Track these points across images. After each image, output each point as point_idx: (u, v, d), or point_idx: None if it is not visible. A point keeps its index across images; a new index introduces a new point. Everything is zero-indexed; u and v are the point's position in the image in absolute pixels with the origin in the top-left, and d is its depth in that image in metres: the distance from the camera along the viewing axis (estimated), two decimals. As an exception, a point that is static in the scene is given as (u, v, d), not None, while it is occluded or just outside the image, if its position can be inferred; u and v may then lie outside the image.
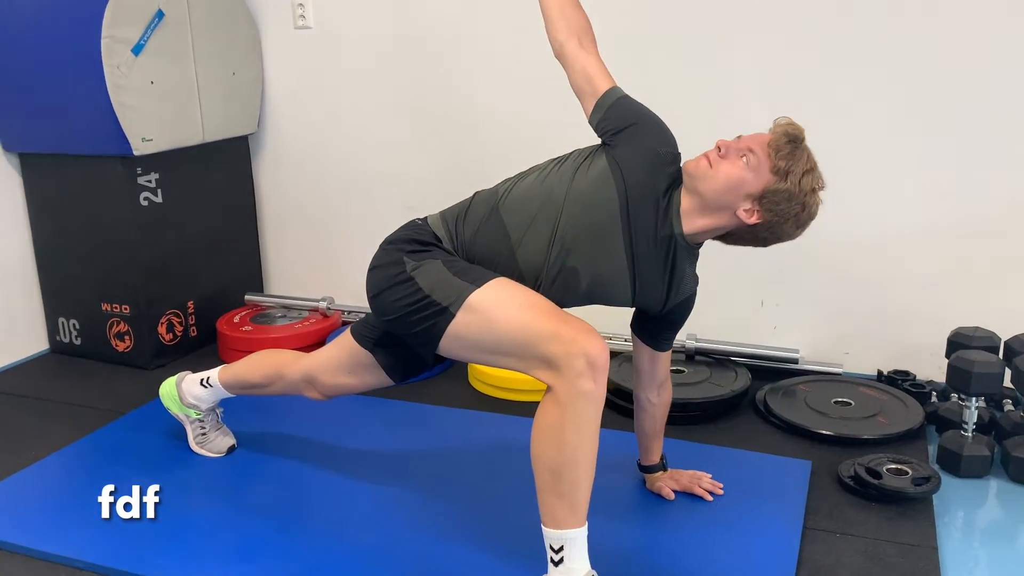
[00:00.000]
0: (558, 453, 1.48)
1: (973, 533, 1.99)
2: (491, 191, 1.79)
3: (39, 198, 2.96)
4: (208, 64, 2.94)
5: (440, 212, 1.82)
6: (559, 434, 1.48)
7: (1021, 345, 2.24)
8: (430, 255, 1.67)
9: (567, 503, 1.49)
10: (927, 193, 2.55)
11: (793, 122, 1.66)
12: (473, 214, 1.75)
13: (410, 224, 1.81)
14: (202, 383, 2.19)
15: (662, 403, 1.96)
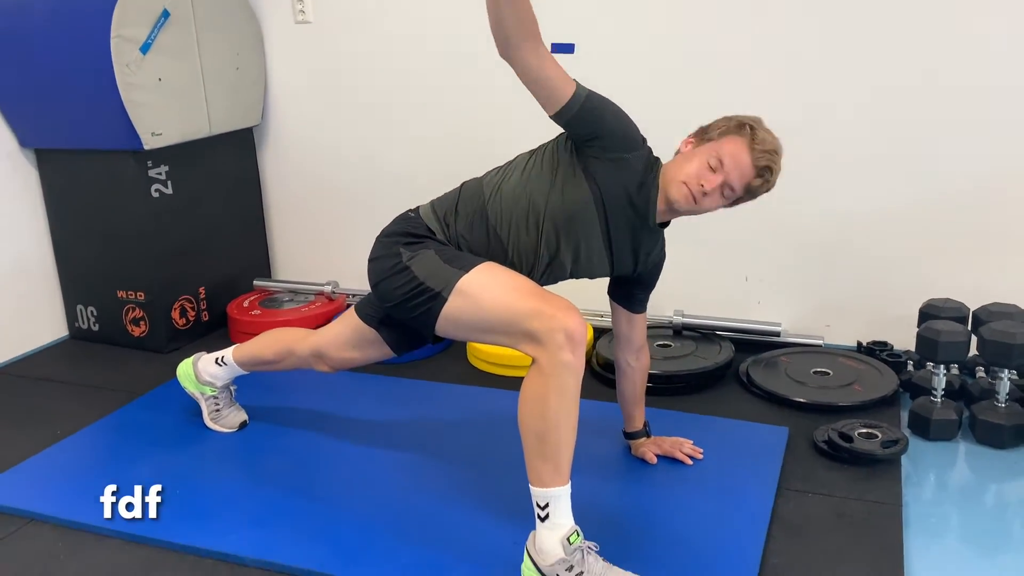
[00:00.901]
0: (542, 419, 1.62)
1: (937, 491, 2.12)
2: (477, 186, 1.91)
3: (55, 192, 3.11)
4: (213, 60, 3.07)
5: (430, 203, 1.95)
6: (543, 402, 1.61)
7: (988, 315, 2.35)
8: (423, 246, 1.83)
9: (551, 464, 1.63)
10: (904, 172, 2.66)
11: (774, 146, 1.81)
12: (463, 209, 1.88)
13: (403, 217, 1.94)
14: (217, 362, 2.34)
15: (640, 367, 2.09)
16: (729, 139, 1.79)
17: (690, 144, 1.85)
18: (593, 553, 1.65)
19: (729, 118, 1.83)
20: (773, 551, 1.81)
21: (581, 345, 1.61)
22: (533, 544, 1.67)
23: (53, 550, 1.92)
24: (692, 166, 1.79)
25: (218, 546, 1.87)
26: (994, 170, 2.58)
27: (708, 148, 1.80)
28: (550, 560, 1.63)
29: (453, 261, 1.76)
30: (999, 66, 2.50)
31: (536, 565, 1.65)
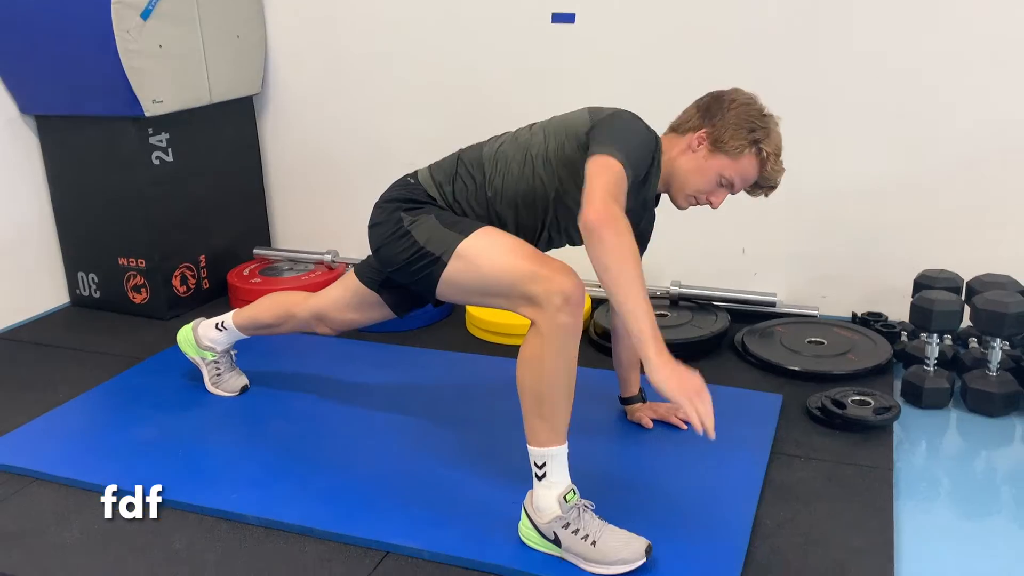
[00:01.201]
0: (540, 380, 1.64)
1: (928, 457, 2.15)
2: (476, 158, 1.89)
3: (56, 159, 3.11)
4: (213, 28, 3.06)
5: (428, 169, 1.95)
6: (540, 363, 1.64)
7: (981, 285, 2.38)
8: (424, 211, 1.84)
9: (549, 424, 1.66)
10: (900, 144, 2.67)
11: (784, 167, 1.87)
12: (462, 182, 1.88)
13: (402, 183, 1.95)
14: (217, 327, 2.37)
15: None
16: (746, 159, 1.82)
17: (703, 144, 1.83)
18: (589, 511, 1.69)
19: (746, 117, 1.81)
20: (765, 513, 1.84)
21: (579, 307, 1.63)
22: (530, 503, 1.71)
23: (58, 508, 1.95)
24: (703, 183, 1.84)
25: (220, 504, 1.91)
26: (989, 142, 2.59)
27: (722, 164, 1.82)
28: (547, 517, 1.67)
29: (453, 226, 1.78)
30: (993, 38, 2.50)
31: (533, 523, 1.69)
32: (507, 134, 1.94)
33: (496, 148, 1.90)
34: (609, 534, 1.65)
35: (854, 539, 1.75)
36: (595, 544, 1.63)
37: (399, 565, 1.72)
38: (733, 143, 1.80)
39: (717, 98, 1.86)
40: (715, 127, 1.81)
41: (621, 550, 1.62)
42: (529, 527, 1.70)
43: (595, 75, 2.94)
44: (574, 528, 1.65)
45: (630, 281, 1.52)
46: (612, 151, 1.65)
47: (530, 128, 1.91)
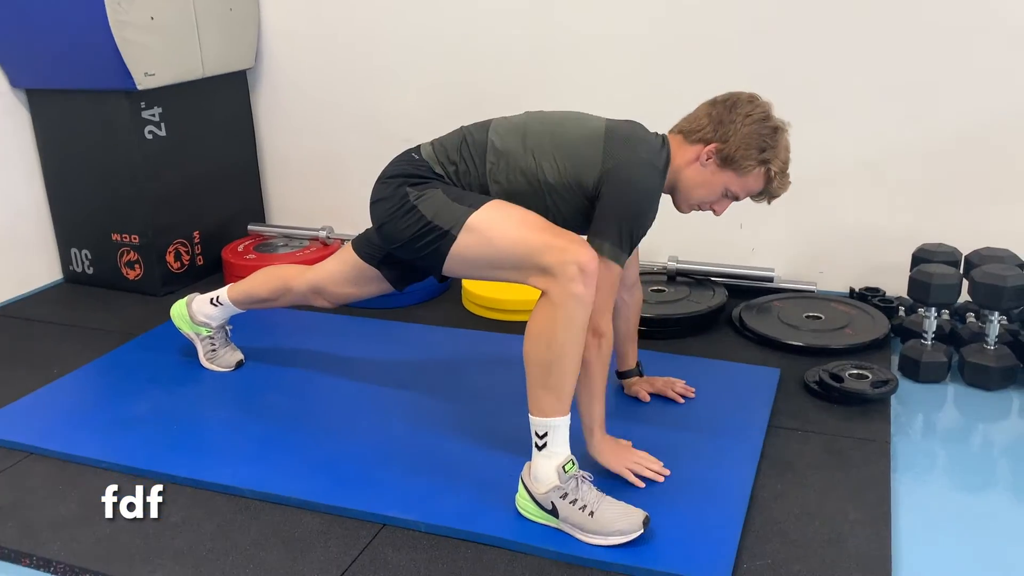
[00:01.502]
0: (548, 350, 1.64)
1: (925, 430, 2.15)
2: (481, 145, 1.83)
3: (47, 133, 3.08)
4: (206, 0, 3.02)
5: (431, 145, 1.90)
6: (551, 333, 1.63)
7: (979, 259, 2.37)
8: (430, 186, 1.81)
9: (554, 395, 1.65)
10: (897, 118, 2.66)
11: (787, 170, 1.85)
12: (464, 166, 1.83)
13: (406, 159, 1.90)
14: (212, 302, 2.35)
15: (634, 302, 2.11)
16: (754, 176, 1.81)
17: (711, 158, 1.79)
18: (588, 482, 1.68)
19: (758, 136, 1.78)
20: (763, 486, 1.84)
21: (593, 277, 1.62)
22: (528, 473, 1.71)
23: (52, 482, 1.94)
24: (709, 195, 1.84)
25: (217, 478, 1.90)
26: (987, 116, 2.58)
27: (729, 179, 1.81)
28: (544, 487, 1.66)
29: (461, 199, 1.76)
30: (991, 12, 2.48)
31: (530, 493, 1.69)
32: (513, 123, 1.87)
33: (501, 141, 1.83)
34: (607, 505, 1.65)
35: (851, 511, 1.75)
36: (593, 515, 1.63)
37: (396, 537, 1.71)
38: (743, 162, 1.78)
39: (730, 108, 1.80)
40: (726, 143, 1.77)
41: (618, 521, 1.62)
42: (527, 499, 1.70)
43: (593, 51, 2.92)
44: (572, 498, 1.64)
45: (595, 392, 1.78)
46: (614, 248, 1.70)
47: (538, 128, 1.83)
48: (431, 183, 1.81)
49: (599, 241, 1.71)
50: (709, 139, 1.79)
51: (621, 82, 2.90)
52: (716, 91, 2.71)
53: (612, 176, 1.74)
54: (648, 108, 2.25)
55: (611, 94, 2.88)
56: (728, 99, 1.81)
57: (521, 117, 1.90)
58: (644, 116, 1.95)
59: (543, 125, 1.85)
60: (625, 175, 1.74)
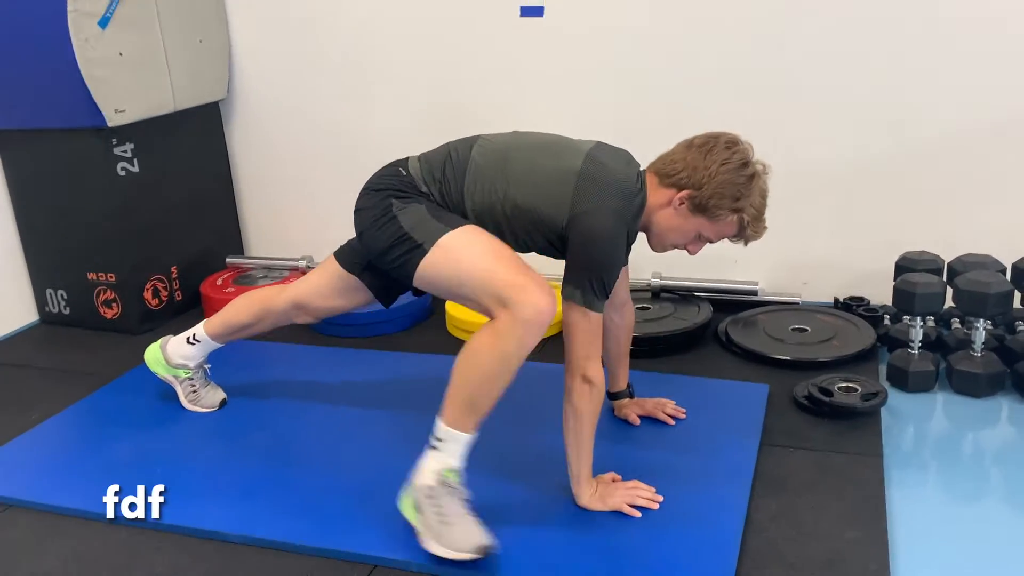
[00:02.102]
0: (478, 372, 1.66)
1: (917, 441, 2.14)
2: (462, 163, 1.83)
3: (18, 173, 3.03)
4: (175, 32, 2.99)
5: (418, 160, 1.89)
6: (487, 358, 1.66)
7: (962, 266, 2.37)
8: (414, 200, 1.81)
9: (468, 412, 1.68)
10: (875, 125, 2.66)
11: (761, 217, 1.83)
12: (447, 187, 1.83)
13: (394, 172, 1.88)
14: (188, 341, 2.31)
15: (625, 324, 2.10)
16: (727, 224, 1.79)
17: (684, 204, 1.77)
18: (459, 498, 1.68)
19: (731, 184, 1.74)
20: (758, 506, 1.82)
21: (542, 328, 1.64)
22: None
23: (34, 535, 1.89)
24: (682, 238, 1.84)
25: (202, 524, 1.86)
26: (964, 121, 2.59)
27: (702, 224, 1.79)
28: (420, 481, 1.70)
29: (440, 218, 1.77)
30: (966, 19, 2.49)
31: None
32: (497, 144, 1.86)
33: (483, 160, 1.82)
34: (465, 523, 1.65)
35: (848, 530, 1.73)
36: (445, 524, 1.64)
37: (388, 578, 1.68)
38: (715, 210, 1.76)
39: (706, 153, 1.76)
40: (699, 191, 1.74)
41: (460, 539, 1.63)
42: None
43: (565, 69, 2.91)
44: (436, 503, 1.67)
45: (584, 440, 1.77)
46: (587, 295, 1.69)
47: (517, 155, 1.81)
48: (416, 199, 1.82)
49: (571, 289, 1.72)
50: (683, 184, 1.76)
51: (600, 108, 2.89)
52: (697, 107, 2.76)
53: (579, 224, 1.72)
54: (630, 128, 2.25)
55: (590, 119, 2.89)
56: (705, 143, 1.77)
57: (505, 138, 1.89)
58: (625, 137, 1.94)
59: (524, 152, 1.83)
60: (590, 224, 1.72)
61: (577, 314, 1.71)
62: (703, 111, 2.78)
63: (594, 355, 1.75)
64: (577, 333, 1.73)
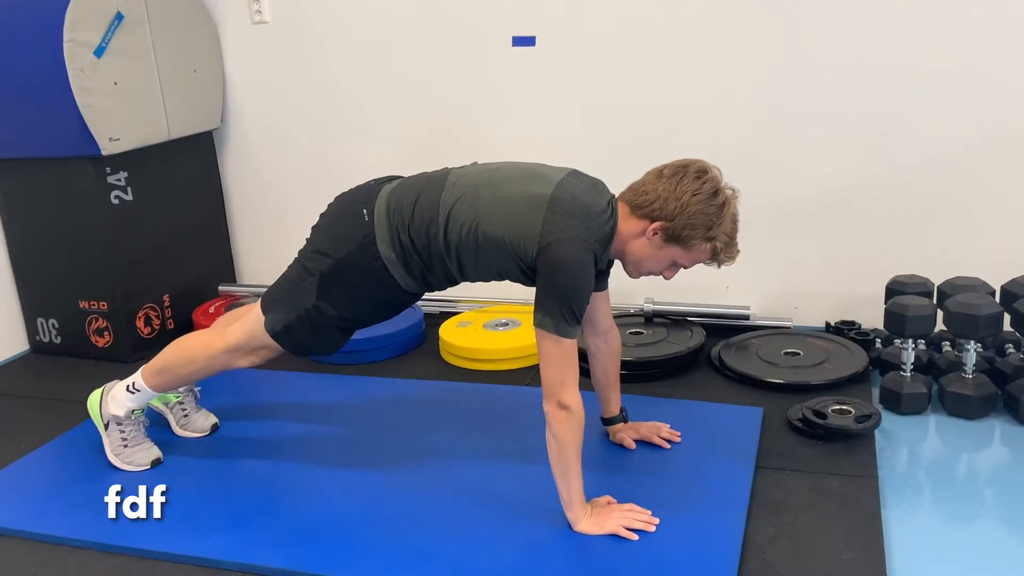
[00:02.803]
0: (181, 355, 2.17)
1: (911, 463, 2.15)
2: (433, 206, 1.84)
3: (10, 202, 3.03)
4: (169, 63, 3.02)
5: (386, 204, 1.88)
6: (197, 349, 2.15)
7: (953, 288, 2.39)
8: (327, 275, 1.93)
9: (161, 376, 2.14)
10: (865, 150, 2.70)
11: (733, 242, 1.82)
12: (417, 232, 1.85)
13: (357, 216, 1.91)
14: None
15: (610, 349, 2.10)
16: (701, 251, 1.79)
17: (657, 234, 1.78)
18: (143, 429, 2.19)
19: (703, 215, 1.74)
20: (755, 529, 1.82)
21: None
22: (112, 388, 2.18)
23: (23, 564, 1.87)
24: (656, 266, 1.85)
25: (195, 551, 1.84)
26: (952, 146, 2.62)
27: (676, 253, 1.80)
28: (111, 409, 2.16)
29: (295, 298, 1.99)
30: (957, 45, 2.54)
31: (101, 400, 2.18)
32: (466, 179, 1.87)
33: (451, 199, 1.83)
34: (143, 449, 2.17)
35: (845, 551, 1.73)
36: (126, 447, 2.16)
37: (384, 604, 1.66)
38: (688, 240, 1.76)
39: (677, 183, 1.75)
40: (672, 222, 1.75)
41: (134, 457, 2.15)
42: (97, 398, 2.19)
43: (553, 98, 2.95)
44: (122, 430, 2.16)
45: (570, 467, 1.78)
46: (558, 323, 1.71)
47: (485, 190, 1.83)
48: (337, 267, 1.91)
49: (542, 317, 1.73)
50: (655, 216, 1.76)
51: (587, 136, 2.93)
52: (686, 134, 2.79)
53: (547, 254, 1.73)
54: (620, 156, 2.27)
55: (577, 147, 2.92)
56: (676, 172, 1.76)
57: (476, 172, 1.89)
58: (614, 165, 1.96)
59: (493, 185, 1.83)
60: (558, 253, 1.72)
61: (549, 342, 1.73)
62: (693, 139, 2.82)
63: (569, 381, 1.75)
64: (550, 360, 1.74)
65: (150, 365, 2.18)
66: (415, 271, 1.89)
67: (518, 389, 2.55)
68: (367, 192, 1.95)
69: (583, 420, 1.78)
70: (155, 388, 2.17)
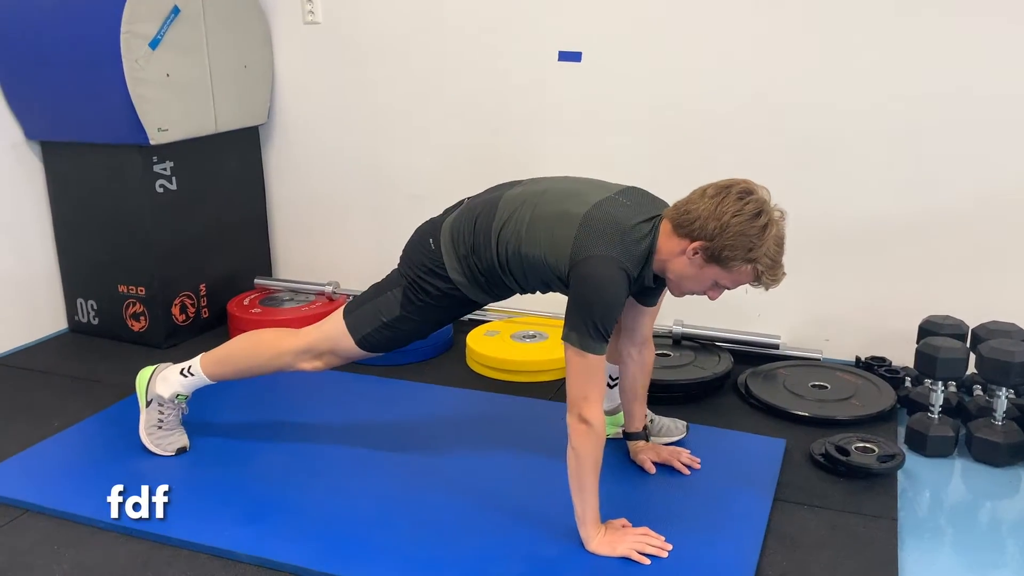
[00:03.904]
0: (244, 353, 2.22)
1: (933, 507, 2.12)
2: (486, 230, 1.90)
3: (60, 184, 3.11)
4: (221, 58, 3.08)
5: (450, 231, 1.95)
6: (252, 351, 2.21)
7: (987, 333, 2.36)
8: (408, 301, 2.00)
9: (222, 366, 2.19)
10: (907, 186, 2.67)
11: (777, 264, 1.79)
12: (477, 257, 1.92)
13: (423, 244, 1.99)
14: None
15: (643, 361, 2.11)
16: (743, 273, 1.76)
17: (698, 254, 1.75)
18: (180, 415, 2.24)
19: (744, 236, 1.70)
20: (769, 563, 1.81)
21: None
22: (165, 368, 2.22)
23: (48, 541, 1.92)
24: (698, 286, 1.83)
25: (214, 541, 1.88)
26: (996, 187, 2.58)
27: (717, 274, 1.77)
28: (158, 388, 2.20)
29: (394, 326, 2.02)
30: (997, 85, 2.51)
31: (151, 378, 2.21)
32: (515, 200, 1.91)
33: (503, 219, 1.89)
34: (175, 435, 2.24)
35: (859, 592, 1.72)
36: (160, 428, 2.22)
37: (394, 609, 1.68)
38: (729, 261, 1.73)
39: (720, 202, 1.71)
40: (712, 242, 1.72)
41: (163, 441, 2.22)
42: (148, 374, 2.22)
43: (599, 111, 2.95)
44: (162, 411, 2.21)
45: (587, 483, 1.79)
46: (583, 338, 1.73)
47: (525, 211, 1.87)
48: (417, 296, 1.98)
49: (568, 331, 1.76)
50: (696, 235, 1.74)
51: (629, 147, 2.93)
52: (732, 160, 2.78)
53: (578, 270, 1.77)
54: (662, 176, 2.27)
55: (618, 160, 2.92)
56: (719, 192, 1.73)
57: (527, 190, 1.93)
58: (652, 178, 1.96)
59: (538, 206, 1.87)
60: (588, 271, 1.75)
61: (574, 356, 1.75)
62: (738, 163, 2.81)
63: (592, 397, 1.76)
64: (574, 374, 1.76)
65: (212, 353, 2.22)
66: (484, 287, 1.98)
67: (540, 402, 2.56)
68: (433, 224, 2.03)
69: (604, 437, 1.79)
70: (211, 376, 2.20)
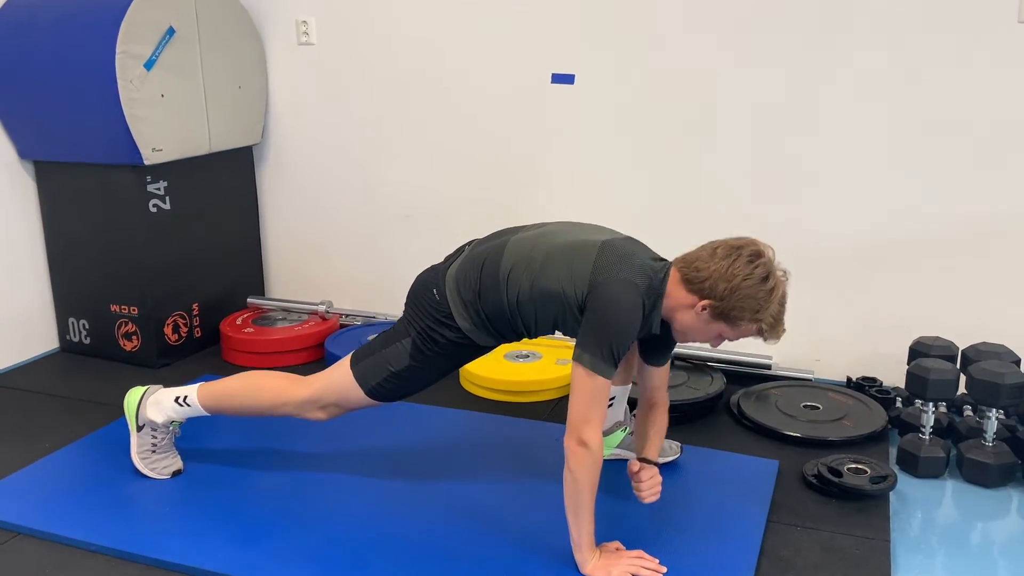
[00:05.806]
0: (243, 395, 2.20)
1: (924, 528, 2.13)
2: (493, 277, 1.91)
3: (52, 203, 3.11)
4: (216, 78, 3.09)
5: (455, 280, 1.96)
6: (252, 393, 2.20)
7: (977, 354, 2.38)
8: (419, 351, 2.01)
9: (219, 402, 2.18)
10: (898, 208, 2.70)
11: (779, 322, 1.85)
12: (482, 303, 1.93)
13: (427, 294, 1.99)
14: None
15: (653, 411, 2.11)
16: (745, 329, 1.82)
17: (706, 310, 1.79)
18: (172, 441, 2.23)
19: (752, 299, 1.76)
20: (762, 584, 1.82)
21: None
22: (156, 392, 2.19)
23: (40, 565, 1.91)
24: (703, 337, 1.88)
25: (206, 564, 1.87)
26: (987, 209, 2.61)
27: (722, 329, 1.83)
28: (149, 413, 2.18)
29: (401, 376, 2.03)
30: (995, 105, 2.54)
31: (140, 401, 2.18)
32: (522, 245, 1.93)
33: (510, 265, 1.91)
34: (169, 458, 2.22)
35: (852, 614, 1.72)
36: (154, 452, 2.20)
37: (388, 633, 1.68)
38: (736, 320, 1.79)
39: (730, 263, 1.76)
40: (721, 302, 1.77)
41: (158, 464, 2.20)
42: (137, 397, 2.19)
43: (595, 134, 2.98)
44: (154, 437, 2.20)
45: (583, 505, 1.79)
46: (595, 360, 1.75)
47: (536, 253, 1.90)
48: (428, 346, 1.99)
49: (580, 351, 1.77)
50: (705, 293, 1.78)
51: (630, 177, 2.95)
52: (718, 181, 2.81)
53: (597, 291, 1.79)
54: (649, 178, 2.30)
55: (616, 187, 2.94)
56: (730, 253, 1.78)
57: (532, 235, 1.96)
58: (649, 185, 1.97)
59: (549, 245, 1.90)
60: (607, 292, 1.78)
61: (582, 377, 1.76)
62: (724, 186, 2.84)
63: (594, 420, 1.77)
64: (579, 395, 1.77)
65: (211, 387, 2.20)
66: (492, 332, 1.99)
67: (535, 423, 2.56)
68: (435, 272, 2.04)
69: (601, 460, 1.79)
70: (207, 410, 2.19)
